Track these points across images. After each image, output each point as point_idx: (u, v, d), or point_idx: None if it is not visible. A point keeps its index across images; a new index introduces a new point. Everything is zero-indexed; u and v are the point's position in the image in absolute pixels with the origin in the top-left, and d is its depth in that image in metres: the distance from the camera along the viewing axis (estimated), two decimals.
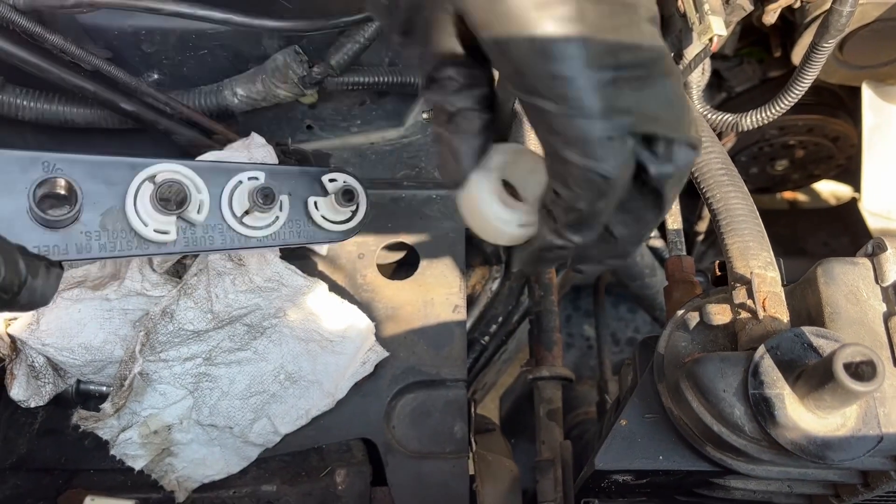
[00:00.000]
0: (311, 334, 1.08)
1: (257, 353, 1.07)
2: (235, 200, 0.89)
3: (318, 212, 0.94)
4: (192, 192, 0.84)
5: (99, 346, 1.02)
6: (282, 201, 0.91)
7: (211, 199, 0.86)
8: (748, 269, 0.73)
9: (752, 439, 0.67)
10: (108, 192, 0.81)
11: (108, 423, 1.02)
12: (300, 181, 0.94)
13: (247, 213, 0.90)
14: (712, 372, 0.68)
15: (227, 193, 0.88)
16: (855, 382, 0.56)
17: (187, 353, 1.03)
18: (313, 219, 0.94)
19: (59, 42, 0.97)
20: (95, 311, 1.02)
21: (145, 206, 0.82)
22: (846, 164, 1.87)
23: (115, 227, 0.81)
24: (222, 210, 0.88)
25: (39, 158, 0.78)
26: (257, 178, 0.90)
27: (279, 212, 0.91)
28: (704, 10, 1.04)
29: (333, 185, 0.94)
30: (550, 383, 1.29)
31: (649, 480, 0.80)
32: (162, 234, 0.83)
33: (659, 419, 0.77)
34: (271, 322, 1.07)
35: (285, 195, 0.91)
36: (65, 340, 1.01)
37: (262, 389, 1.07)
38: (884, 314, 0.71)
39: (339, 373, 1.09)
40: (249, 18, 0.97)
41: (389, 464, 1.11)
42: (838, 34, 1.02)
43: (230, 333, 1.05)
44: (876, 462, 0.68)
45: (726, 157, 0.82)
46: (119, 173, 0.82)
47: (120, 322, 1.03)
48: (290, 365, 1.07)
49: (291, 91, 1.12)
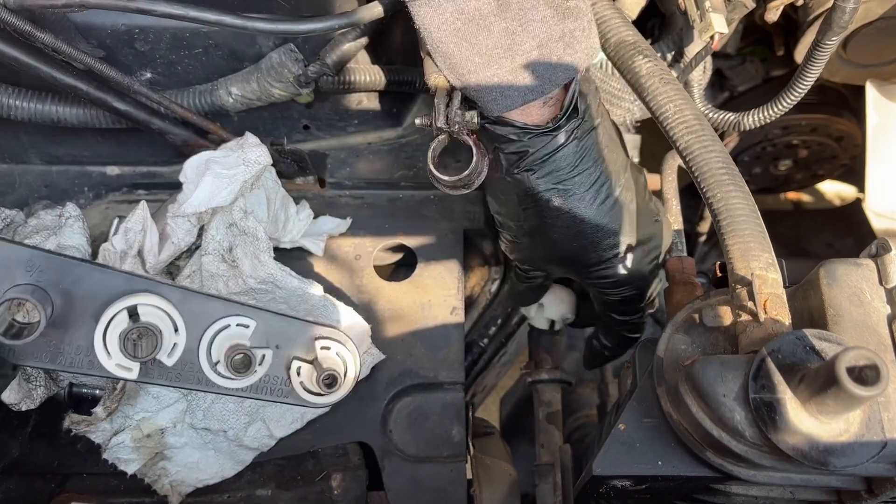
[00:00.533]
0: None
1: None
2: (215, 347, 0.82)
3: (299, 378, 0.86)
4: (167, 335, 0.78)
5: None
6: (264, 356, 0.84)
7: (188, 339, 0.80)
8: (749, 271, 0.71)
9: (753, 445, 0.66)
10: (86, 305, 0.78)
11: (101, 426, 1.01)
12: (291, 335, 0.85)
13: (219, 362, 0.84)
14: (712, 375, 0.67)
15: (208, 336, 0.81)
16: (858, 387, 0.55)
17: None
18: (292, 383, 0.86)
19: (51, 41, 0.95)
20: None
21: (113, 339, 0.77)
22: (850, 163, 1.85)
23: (81, 344, 0.78)
24: (199, 353, 0.82)
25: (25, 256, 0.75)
26: (247, 325, 0.82)
27: (258, 366, 0.83)
28: (705, 7, 1.03)
29: (324, 353, 0.86)
30: (550, 386, 1.27)
31: (648, 486, 0.78)
32: (124, 370, 0.79)
33: (658, 423, 0.76)
34: None
35: (270, 350, 0.84)
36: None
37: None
38: (888, 316, 0.69)
39: None
40: (242, 20, 0.95)
41: (386, 468, 1.09)
42: (842, 31, 1.00)
43: None
44: (880, 468, 0.66)
45: (727, 157, 0.80)
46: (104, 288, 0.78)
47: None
48: None
49: (287, 90, 1.10)
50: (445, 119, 0.88)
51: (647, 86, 0.86)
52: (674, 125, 0.82)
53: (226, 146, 1.08)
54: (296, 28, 0.97)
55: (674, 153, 1.08)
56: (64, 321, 0.77)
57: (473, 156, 0.91)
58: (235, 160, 1.04)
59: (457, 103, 0.88)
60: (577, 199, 0.93)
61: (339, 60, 1.10)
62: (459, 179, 0.92)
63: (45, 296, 0.75)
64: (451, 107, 0.88)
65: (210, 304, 0.82)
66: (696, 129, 0.81)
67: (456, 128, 0.89)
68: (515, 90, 0.86)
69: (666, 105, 0.83)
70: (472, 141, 0.91)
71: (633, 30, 0.93)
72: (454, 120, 0.88)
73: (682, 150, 0.81)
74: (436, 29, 0.84)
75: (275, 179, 1.13)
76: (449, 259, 1.22)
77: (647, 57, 0.88)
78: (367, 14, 0.96)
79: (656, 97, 0.85)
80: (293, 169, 1.22)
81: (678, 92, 0.84)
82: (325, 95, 1.20)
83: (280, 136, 1.24)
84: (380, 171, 1.30)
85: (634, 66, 0.88)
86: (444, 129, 0.90)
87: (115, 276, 0.79)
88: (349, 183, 1.29)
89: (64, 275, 0.77)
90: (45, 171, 1.27)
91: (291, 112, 1.23)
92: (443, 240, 1.23)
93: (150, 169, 1.27)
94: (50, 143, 1.23)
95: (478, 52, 0.85)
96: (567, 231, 0.96)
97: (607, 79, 1.24)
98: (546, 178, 0.92)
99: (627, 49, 0.89)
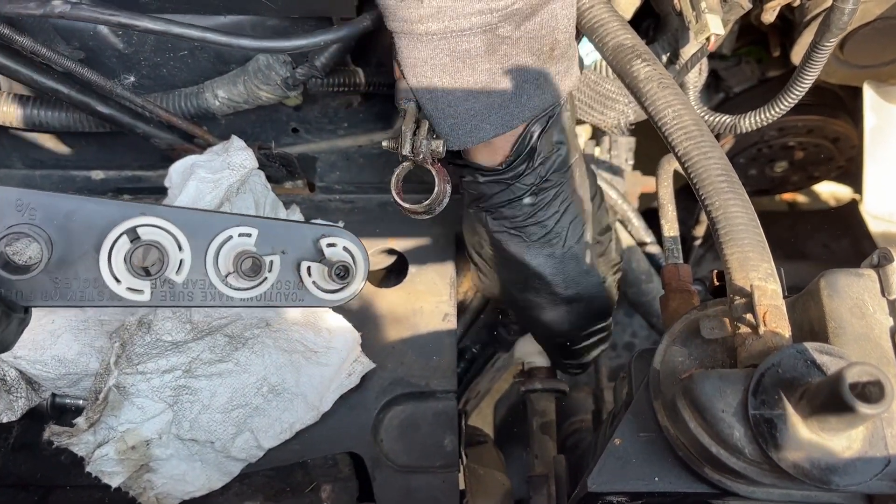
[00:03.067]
0: (294, 345, 1.04)
1: (239, 365, 1.03)
2: (221, 258, 0.81)
3: (310, 278, 0.86)
4: (172, 253, 0.78)
5: (73, 359, 0.98)
6: (272, 262, 0.83)
7: (194, 255, 0.79)
8: (748, 282, 0.69)
9: (753, 462, 0.64)
10: (85, 237, 0.76)
11: (83, 438, 0.98)
12: (295, 239, 0.85)
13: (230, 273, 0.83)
14: (710, 390, 0.65)
15: (213, 249, 0.81)
16: (862, 405, 0.53)
17: (166, 366, 1.00)
18: (305, 284, 0.86)
19: (30, 44, 0.93)
20: (70, 322, 0.98)
21: (119, 263, 0.76)
22: (846, 165, 1.84)
23: (88, 277, 0.76)
24: (206, 267, 0.81)
25: (13, 197, 0.73)
26: (249, 234, 0.82)
27: (268, 273, 0.83)
28: (701, 8, 1.01)
29: (330, 250, 0.86)
30: (544, 395, 1.25)
31: (645, 502, 0.76)
32: (135, 293, 0.78)
33: (655, 438, 0.74)
34: (253, 332, 1.03)
35: (276, 255, 0.84)
36: (37, 353, 0.97)
37: (244, 402, 1.03)
38: (890, 329, 0.67)
39: (323, 385, 1.06)
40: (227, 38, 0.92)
41: (377, 478, 1.07)
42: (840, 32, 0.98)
43: (210, 344, 1.01)
44: (883, 485, 0.64)
45: (727, 163, 0.78)
46: (100, 218, 0.76)
47: (96, 333, 1.00)
48: (273, 377, 1.04)
49: (274, 93, 1.08)
50: (411, 147, 0.90)
51: (646, 90, 0.84)
52: (672, 130, 0.80)
53: (211, 150, 1.06)
54: (281, 45, 0.94)
55: (669, 157, 1.06)
56: (66, 257, 0.76)
57: (436, 185, 0.93)
58: (220, 164, 1.02)
59: (424, 132, 0.90)
60: (525, 247, 1.00)
61: (327, 63, 1.07)
62: (421, 206, 0.94)
63: (42, 232, 0.74)
64: (419, 136, 0.90)
65: (210, 218, 0.81)
66: (695, 135, 0.79)
67: (421, 157, 0.91)
68: (488, 124, 0.90)
69: (664, 110, 0.82)
70: (434, 170, 0.93)
71: (631, 32, 0.91)
72: (419, 149, 0.90)
73: (680, 156, 0.79)
74: (422, 62, 0.86)
75: (264, 184, 1.11)
76: (441, 264, 1.20)
77: (646, 61, 0.86)
78: (353, 30, 0.95)
79: (654, 102, 0.83)
80: (282, 173, 1.20)
81: (677, 96, 0.83)
82: (314, 98, 1.18)
83: (268, 139, 1.22)
84: (370, 174, 1.28)
85: (633, 70, 0.86)
86: (409, 157, 0.91)
87: (109, 205, 0.77)
88: (339, 187, 1.26)
89: (56, 211, 0.75)
90: (28, 175, 1.24)
91: (280, 115, 1.21)
92: (434, 244, 1.21)
93: (136, 173, 1.25)
94: (32, 146, 1.20)
95: (459, 88, 0.88)
96: (512, 274, 1.04)
97: (602, 81, 1.22)
98: (499, 221, 0.99)
99: (625, 52, 0.88)
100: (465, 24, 0.83)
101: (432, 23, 0.83)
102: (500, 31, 0.85)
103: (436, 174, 0.93)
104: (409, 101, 0.90)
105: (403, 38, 0.86)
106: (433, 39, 0.85)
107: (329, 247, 0.85)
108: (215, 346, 1.02)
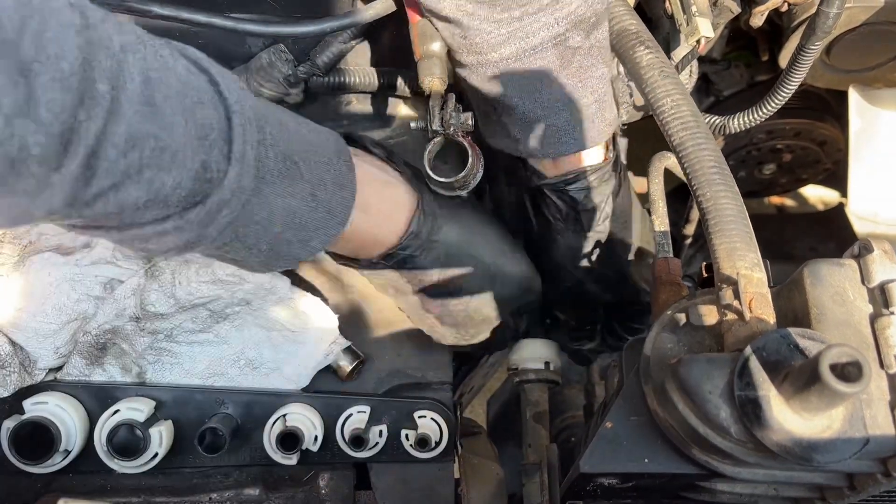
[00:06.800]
0: (273, 323, 1.07)
1: (218, 337, 1.06)
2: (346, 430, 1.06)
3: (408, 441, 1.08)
4: (308, 431, 1.04)
5: (72, 305, 1.02)
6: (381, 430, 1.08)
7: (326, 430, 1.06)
8: (735, 270, 0.73)
9: (738, 441, 0.67)
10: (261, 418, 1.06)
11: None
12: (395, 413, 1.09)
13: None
14: (698, 373, 0.67)
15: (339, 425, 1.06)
16: (841, 383, 0.56)
17: (150, 328, 1.04)
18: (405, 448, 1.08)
19: None
20: (66, 274, 1.02)
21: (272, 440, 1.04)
22: (833, 168, 1.88)
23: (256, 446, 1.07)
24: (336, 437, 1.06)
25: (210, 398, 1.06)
26: (364, 411, 1.07)
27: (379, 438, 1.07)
28: (692, 11, 1.04)
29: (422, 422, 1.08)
30: (537, 386, 1.28)
31: (635, 483, 0.79)
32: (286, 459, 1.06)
33: (645, 421, 0.76)
34: (234, 310, 1.06)
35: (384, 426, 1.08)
36: (38, 304, 1.00)
37: (220, 372, 1.06)
38: (870, 315, 0.70)
39: (300, 362, 1.08)
40: (233, 22, 0.95)
41: (374, 467, 1.09)
42: (825, 37, 1.02)
43: (192, 316, 1.05)
44: (862, 465, 0.67)
45: (720, 156, 0.80)
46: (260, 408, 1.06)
47: (91, 283, 1.03)
48: (250, 351, 1.06)
49: (276, 90, 1.11)
50: (441, 122, 0.89)
51: (647, 77, 0.86)
52: (669, 119, 0.83)
53: None
54: (287, 31, 0.97)
55: (661, 155, 1.09)
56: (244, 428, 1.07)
57: (469, 157, 0.92)
58: None
59: (451, 106, 0.89)
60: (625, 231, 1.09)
61: (329, 61, 1.10)
62: (456, 181, 0.93)
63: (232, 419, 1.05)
64: (447, 109, 0.89)
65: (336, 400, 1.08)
66: (692, 126, 0.81)
67: (451, 130, 0.90)
68: (573, 139, 0.93)
69: (663, 99, 0.84)
70: (467, 143, 0.92)
71: (636, 19, 0.93)
72: (449, 122, 0.89)
73: (675, 145, 0.81)
74: (500, 87, 0.88)
75: None
76: None
77: (649, 48, 0.88)
78: (361, 17, 0.96)
79: (654, 90, 0.85)
80: None
81: (677, 87, 0.85)
82: (315, 96, 1.20)
83: None
84: None
85: (635, 57, 0.88)
86: (440, 132, 0.91)
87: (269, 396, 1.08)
88: None
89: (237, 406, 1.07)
90: None
91: None
92: None
93: None
94: None
95: (539, 105, 0.89)
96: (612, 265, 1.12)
97: None
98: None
99: (629, 38, 0.90)
100: (536, 41, 0.83)
101: (505, 48, 0.83)
102: (571, 41, 0.85)
103: (468, 146, 0.92)
104: (430, 77, 0.90)
105: (478, 69, 0.87)
106: (508, 63, 0.85)
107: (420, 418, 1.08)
108: (197, 318, 1.05)
